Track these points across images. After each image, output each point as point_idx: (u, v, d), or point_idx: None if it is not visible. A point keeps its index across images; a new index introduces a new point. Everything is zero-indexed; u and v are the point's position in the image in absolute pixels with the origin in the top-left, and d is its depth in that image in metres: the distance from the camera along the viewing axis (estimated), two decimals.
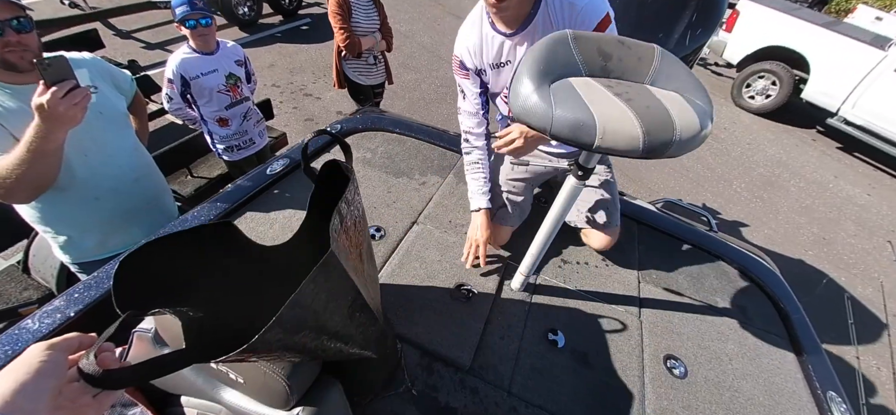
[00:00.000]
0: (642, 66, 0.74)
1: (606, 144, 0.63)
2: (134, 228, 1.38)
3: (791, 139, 5.39)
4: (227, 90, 2.10)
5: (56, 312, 0.98)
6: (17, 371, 0.41)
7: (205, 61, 1.99)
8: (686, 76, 0.73)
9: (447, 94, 4.60)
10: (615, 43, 0.77)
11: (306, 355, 0.68)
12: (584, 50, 0.74)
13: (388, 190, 1.46)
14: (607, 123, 0.63)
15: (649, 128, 0.63)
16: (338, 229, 0.65)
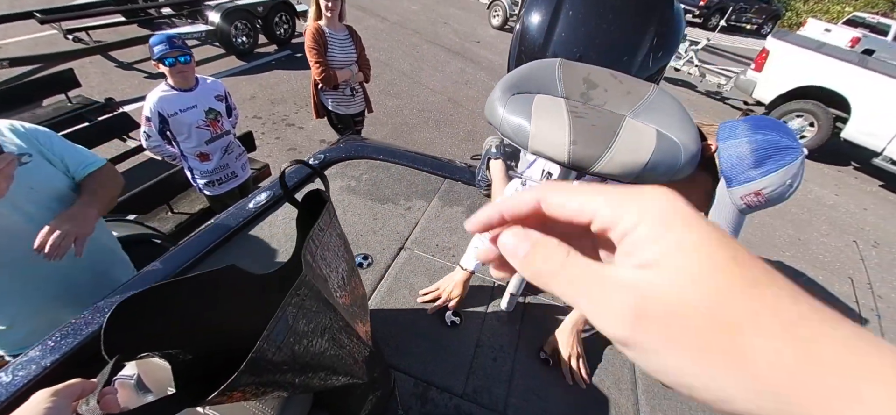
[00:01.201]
0: (630, 99, 0.79)
1: (537, 146, 0.73)
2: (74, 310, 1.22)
3: None
4: (207, 125, 2.10)
5: (31, 363, 0.94)
6: None
7: (183, 98, 1.99)
8: (676, 116, 0.76)
9: (429, 119, 4.67)
10: (607, 76, 0.83)
11: (294, 389, 0.67)
12: (568, 77, 0.82)
13: (373, 217, 1.47)
14: (540, 129, 0.72)
15: (578, 139, 0.69)
16: (313, 254, 0.65)
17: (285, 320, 0.56)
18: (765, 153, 0.79)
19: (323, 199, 0.77)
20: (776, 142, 0.78)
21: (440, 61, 6.17)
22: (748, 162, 0.80)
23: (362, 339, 0.79)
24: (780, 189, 0.80)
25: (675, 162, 0.68)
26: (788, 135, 0.79)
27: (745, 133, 0.82)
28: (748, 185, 0.82)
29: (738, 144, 0.82)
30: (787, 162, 0.78)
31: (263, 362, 0.53)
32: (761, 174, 0.80)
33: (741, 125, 0.84)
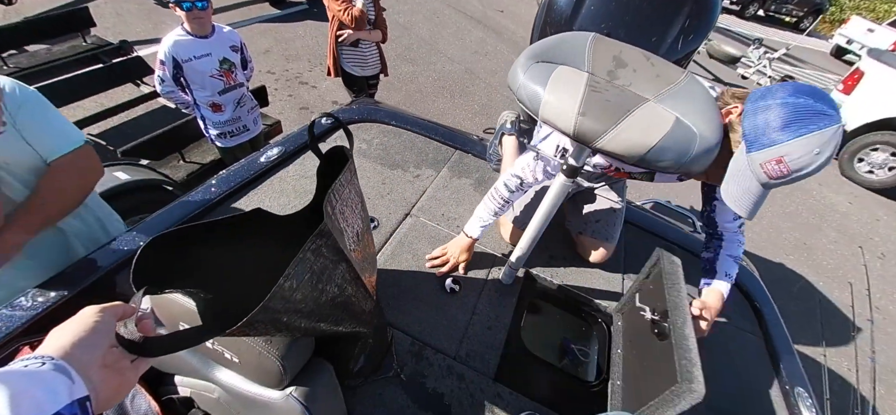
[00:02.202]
0: (658, 83, 0.77)
1: (547, 114, 0.73)
2: None
3: None
4: (221, 75, 2.10)
5: (48, 291, 0.99)
6: (75, 327, 0.44)
7: (198, 44, 1.98)
8: (701, 105, 0.74)
9: (443, 89, 4.60)
10: (639, 57, 0.82)
11: (304, 332, 0.71)
12: (599, 53, 0.81)
13: (382, 181, 1.49)
14: (553, 98, 0.73)
15: (587, 111, 0.70)
16: (333, 206, 0.68)
17: (305, 263, 0.59)
18: (794, 115, 0.70)
19: (346, 156, 0.79)
20: (810, 106, 0.69)
21: (461, 29, 6.01)
22: (775, 124, 0.71)
23: (370, 292, 0.83)
24: (806, 158, 0.70)
25: (686, 150, 0.68)
26: (827, 102, 0.69)
27: (777, 95, 0.73)
28: (770, 149, 0.72)
29: (767, 107, 0.73)
30: (817, 128, 0.68)
31: (282, 300, 0.57)
32: (787, 137, 0.70)
33: (777, 88, 0.75)
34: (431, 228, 1.37)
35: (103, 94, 2.81)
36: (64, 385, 0.37)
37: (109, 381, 0.45)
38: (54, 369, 0.38)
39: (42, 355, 0.40)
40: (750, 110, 0.76)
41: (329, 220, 0.65)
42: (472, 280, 1.24)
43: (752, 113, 0.75)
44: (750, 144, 0.75)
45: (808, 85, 0.74)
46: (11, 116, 0.98)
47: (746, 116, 0.76)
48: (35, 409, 0.34)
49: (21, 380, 0.35)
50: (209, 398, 0.92)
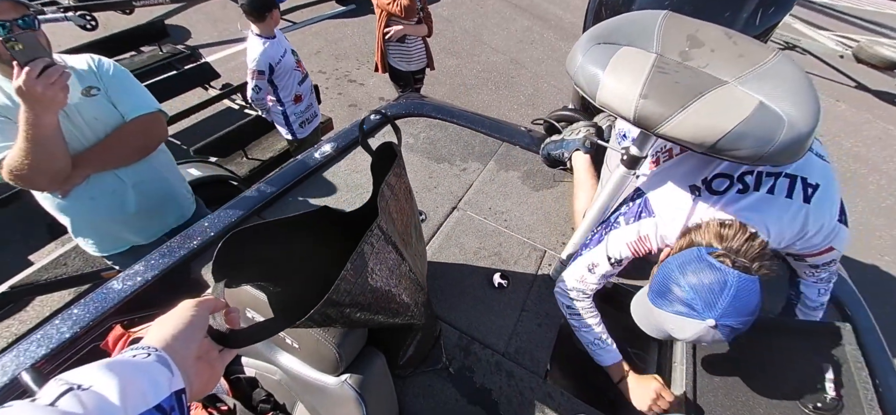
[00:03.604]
0: (741, 63, 0.70)
1: (605, 98, 0.69)
2: (137, 229, 1.41)
3: (872, 130, 4.83)
4: (297, 67, 2.25)
5: (136, 275, 1.10)
6: (175, 320, 0.48)
7: (276, 45, 2.13)
8: (793, 87, 0.66)
9: (488, 80, 4.54)
10: (719, 36, 0.75)
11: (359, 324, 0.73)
12: (671, 32, 0.75)
13: (429, 175, 1.49)
14: (613, 80, 0.68)
15: (650, 94, 0.64)
16: (386, 200, 0.69)
17: (363, 257, 0.61)
18: (676, 298, 0.75)
19: (393, 151, 0.80)
20: (689, 300, 0.73)
21: (505, 18, 5.89)
22: (665, 292, 0.77)
23: (422, 284, 0.84)
24: (668, 326, 0.78)
25: (770, 137, 0.60)
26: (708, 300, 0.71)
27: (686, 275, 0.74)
28: (651, 305, 0.80)
29: (672, 275, 0.76)
30: (684, 317, 0.73)
31: (345, 293, 0.59)
32: (668, 310, 0.76)
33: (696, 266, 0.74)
34: (478, 222, 1.35)
35: (177, 98, 3.09)
36: (165, 377, 0.40)
37: (202, 373, 0.48)
38: (158, 360, 0.41)
39: (148, 347, 0.43)
40: (666, 264, 0.79)
41: (383, 215, 0.66)
42: (521, 275, 1.21)
43: (664, 267, 0.79)
44: (650, 290, 0.82)
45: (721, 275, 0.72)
46: (105, 84, 1.24)
47: (662, 266, 0.81)
48: (140, 398, 0.37)
49: (130, 370, 0.38)
50: (271, 379, 0.98)
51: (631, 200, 0.95)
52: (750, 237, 0.76)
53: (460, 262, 1.24)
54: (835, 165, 0.86)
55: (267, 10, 2.01)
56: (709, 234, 0.79)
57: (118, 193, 1.31)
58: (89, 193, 1.26)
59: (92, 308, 1.04)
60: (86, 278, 2.02)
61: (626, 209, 0.95)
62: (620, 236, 0.94)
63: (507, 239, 1.31)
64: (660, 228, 0.89)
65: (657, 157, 0.99)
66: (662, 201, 0.89)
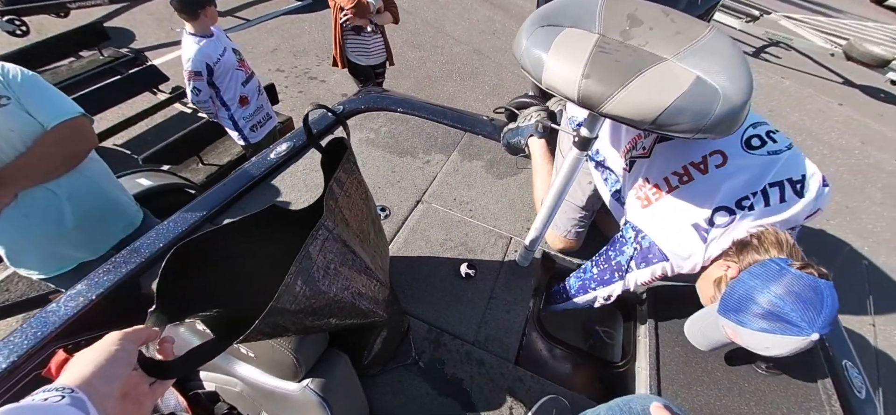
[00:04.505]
0: (678, 40, 0.72)
1: (550, 80, 0.69)
2: (81, 244, 1.33)
3: (813, 105, 5.17)
4: (240, 66, 2.14)
5: (79, 295, 1.02)
6: (96, 355, 0.44)
7: (214, 44, 2.01)
8: (727, 61, 0.68)
9: (453, 71, 4.53)
10: (657, 14, 0.76)
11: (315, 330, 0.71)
12: (612, 12, 0.76)
13: (392, 169, 1.47)
14: (556, 62, 0.68)
15: (592, 73, 0.64)
16: (336, 198, 0.66)
17: (309, 260, 0.58)
18: (769, 315, 0.73)
19: (344, 145, 0.77)
20: (786, 314, 0.71)
21: (466, 8, 5.87)
22: (753, 310, 0.75)
23: (382, 281, 0.82)
24: (755, 345, 0.76)
25: (706, 111, 0.62)
26: (810, 314, 0.69)
27: (772, 288, 0.73)
28: (735, 326, 0.77)
29: (754, 291, 0.75)
30: (781, 334, 0.72)
31: (290, 300, 0.56)
32: (752, 327, 0.74)
33: (778, 276, 0.74)
34: (443, 213, 1.34)
35: (123, 105, 2.90)
36: None
37: (127, 412, 0.45)
38: (72, 403, 0.38)
39: (62, 387, 0.39)
40: (742, 282, 0.78)
41: (330, 213, 0.64)
42: (487, 264, 1.21)
43: (739, 285, 0.78)
44: (723, 308, 0.80)
45: (815, 285, 0.72)
46: (15, 92, 1.14)
47: (734, 284, 0.79)
48: None
49: None
50: (232, 392, 0.93)
51: (629, 243, 0.97)
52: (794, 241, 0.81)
53: (427, 255, 1.22)
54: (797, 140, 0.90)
55: (199, 6, 1.89)
56: (768, 244, 0.80)
57: (52, 207, 1.21)
58: (21, 212, 1.17)
59: (31, 334, 0.96)
60: (32, 303, 1.87)
61: (631, 251, 0.96)
62: (634, 277, 0.97)
63: (472, 229, 1.30)
64: (677, 268, 0.91)
65: (631, 159, 1.00)
66: (671, 244, 0.90)
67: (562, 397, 0.95)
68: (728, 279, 0.83)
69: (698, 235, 0.86)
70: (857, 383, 1.01)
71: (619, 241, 1.01)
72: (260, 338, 0.63)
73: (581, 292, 1.08)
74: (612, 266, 1.00)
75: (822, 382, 0.99)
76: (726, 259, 0.87)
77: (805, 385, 0.98)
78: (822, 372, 1.00)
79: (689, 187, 0.88)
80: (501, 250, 1.25)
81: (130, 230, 1.44)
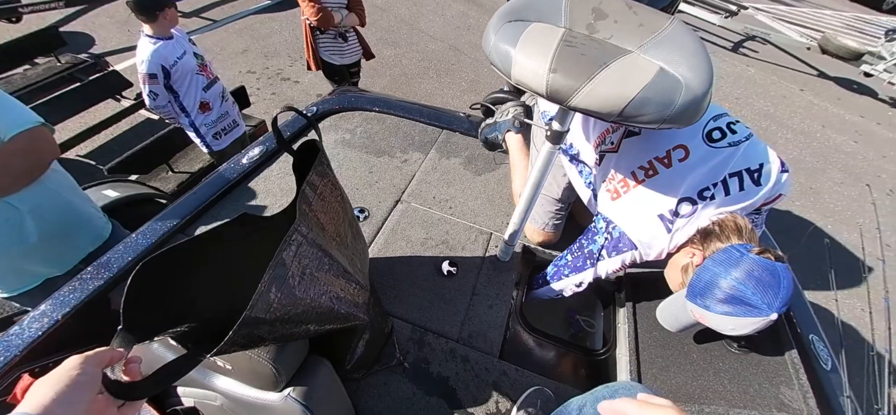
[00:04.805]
0: (642, 32, 0.73)
1: (518, 75, 0.70)
2: (46, 260, 1.27)
3: (776, 91, 5.39)
4: (201, 71, 2.06)
5: (43, 316, 0.98)
6: (56, 381, 0.42)
7: (172, 46, 1.93)
8: (689, 53, 0.70)
9: (429, 68, 4.51)
10: (621, 7, 0.77)
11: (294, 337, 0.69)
12: (577, 6, 0.77)
13: (369, 170, 1.45)
14: (524, 57, 0.69)
15: (558, 67, 0.65)
16: (309, 202, 0.65)
17: (283, 267, 0.57)
18: (731, 299, 0.78)
19: (316, 148, 0.75)
20: (747, 297, 0.76)
21: (440, 4, 5.85)
22: (716, 295, 0.80)
23: (362, 284, 0.81)
24: (722, 326, 0.82)
25: (670, 101, 0.63)
26: (769, 295, 0.75)
27: (733, 273, 0.78)
28: (701, 310, 0.83)
29: (717, 277, 0.80)
30: (742, 315, 0.77)
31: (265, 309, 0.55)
32: (717, 310, 0.80)
33: (744, 263, 0.78)
34: (423, 212, 1.34)
35: (85, 113, 2.77)
36: None
37: None
38: None
39: (21, 414, 0.38)
40: (706, 268, 0.82)
41: (303, 218, 0.62)
42: (469, 260, 1.22)
43: (705, 271, 0.82)
44: (690, 294, 0.85)
45: (772, 268, 0.77)
46: None
47: (701, 270, 0.83)
48: None
49: None
50: (213, 406, 0.91)
51: (601, 233, 1.01)
52: (753, 226, 0.86)
53: (408, 254, 1.22)
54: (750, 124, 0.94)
55: (158, 8, 1.80)
56: (728, 231, 0.85)
57: (13, 222, 1.15)
58: None
59: None
60: None
61: (602, 241, 1.00)
62: (605, 265, 1.01)
63: (453, 226, 1.31)
64: (645, 256, 0.96)
65: (601, 153, 1.03)
66: (639, 233, 0.94)
67: (546, 388, 0.97)
68: (694, 266, 0.87)
69: (663, 225, 0.91)
70: (823, 355, 1.06)
71: (592, 231, 1.05)
72: (236, 350, 0.61)
73: (555, 279, 1.11)
74: (584, 254, 1.04)
75: (791, 356, 1.03)
76: (692, 247, 0.92)
77: (775, 361, 1.03)
78: (790, 347, 1.05)
79: (654, 180, 0.92)
80: (482, 246, 1.26)
81: (98, 243, 1.38)
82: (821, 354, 1.06)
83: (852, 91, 5.69)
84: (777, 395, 0.96)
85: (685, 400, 0.96)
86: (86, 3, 4.31)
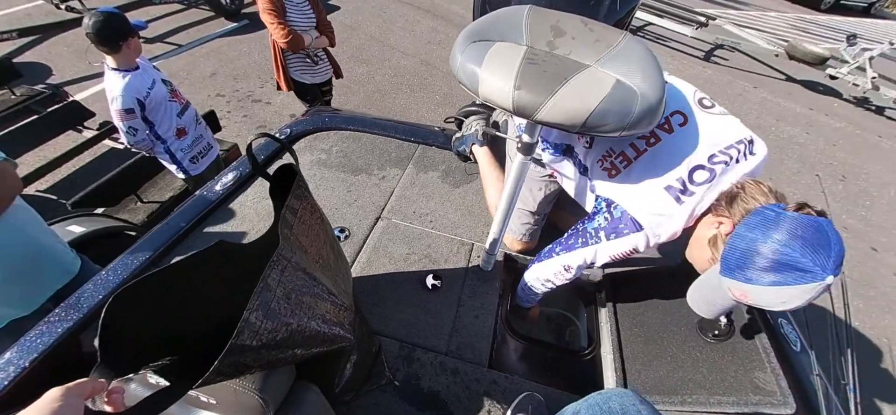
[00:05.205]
0: (598, 47, 0.76)
1: (485, 92, 0.73)
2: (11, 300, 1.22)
3: (732, 90, 5.71)
4: (172, 97, 2.01)
5: (8, 364, 0.92)
6: (38, 414, 0.42)
7: (141, 77, 1.88)
8: (642, 64, 0.73)
9: (402, 84, 4.54)
10: (577, 24, 0.80)
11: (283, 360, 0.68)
12: (537, 25, 0.80)
13: (347, 189, 1.45)
14: (489, 76, 0.72)
15: (522, 84, 0.68)
16: (290, 226, 0.65)
17: (268, 292, 0.56)
18: (779, 266, 0.66)
19: (294, 171, 0.75)
20: (797, 261, 0.64)
21: (409, 20, 5.93)
22: (759, 264, 0.67)
23: (347, 305, 0.80)
24: (770, 303, 0.69)
25: (627, 111, 0.68)
26: (822, 256, 0.63)
27: (776, 234, 0.66)
28: (743, 284, 0.70)
29: (756, 242, 0.68)
30: (794, 283, 0.65)
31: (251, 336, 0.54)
32: (762, 282, 0.67)
33: (781, 222, 0.67)
34: (404, 227, 1.34)
35: (45, 146, 2.64)
36: None
37: None
38: None
39: None
40: (738, 235, 0.71)
41: (286, 242, 0.62)
42: (452, 272, 1.23)
43: (738, 239, 0.71)
44: (725, 269, 0.73)
45: (817, 224, 0.66)
46: None
47: (732, 239, 0.72)
48: None
49: None
50: None
51: (600, 213, 0.93)
52: None
53: (391, 271, 1.22)
54: None
55: (121, 39, 1.73)
56: (754, 192, 0.75)
57: None
58: None
59: None
60: None
61: (602, 221, 0.92)
62: (605, 250, 0.92)
63: (434, 239, 1.32)
64: (652, 238, 0.86)
65: (612, 165, 0.94)
66: (644, 210, 0.85)
67: (536, 393, 0.98)
68: (723, 237, 0.76)
69: (672, 196, 0.81)
70: (792, 338, 1.12)
71: (592, 213, 0.97)
72: (221, 379, 0.60)
73: (545, 256, 1.06)
74: (578, 231, 0.98)
75: (761, 341, 1.09)
76: (716, 215, 0.81)
77: (747, 346, 1.08)
78: (759, 332, 1.11)
79: (657, 149, 0.85)
80: (465, 258, 1.28)
81: (67, 279, 1.32)
82: (790, 336, 1.13)
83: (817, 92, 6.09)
84: (752, 379, 1.01)
85: (668, 392, 0.99)
86: (40, 32, 4.14)
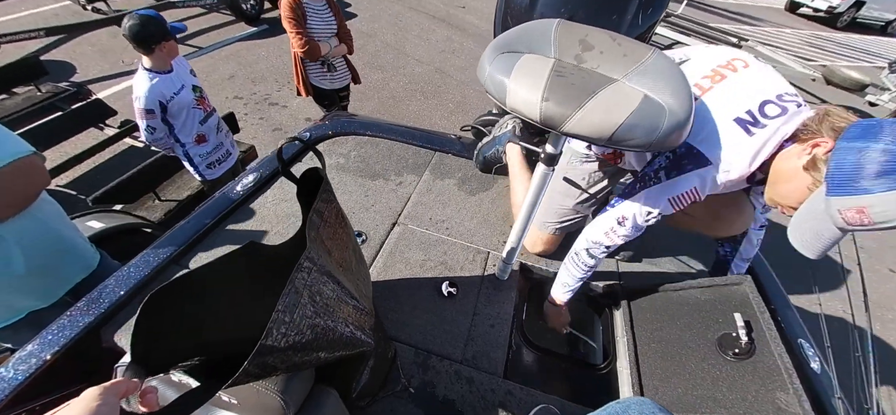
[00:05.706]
0: (626, 62, 0.77)
1: (513, 103, 0.73)
2: (32, 292, 1.23)
3: None
4: (197, 104, 2.05)
5: (31, 357, 0.94)
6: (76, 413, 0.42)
7: (170, 80, 1.92)
8: (671, 80, 0.73)
9: (416, 91, 4.58)
10: (605, 39, 0.81)
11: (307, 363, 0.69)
12: (565, 38, 0.81)
13: (365, 194, 1.46)
14: (518, 86, 0.73)
15: (550, 96, 0.69)
16: (317, 229, 0.66)
17: (296, 295, 0.57)
18: (890, 166, 0.60)
19: (319, 175, 0.76)
20: None
21: (425, 29, 5.99)
22: (870, 170, 0.62)
23: (366, 308, 0.81)
24: (890, 215, 0.62)
25: (655, 127, 0.67)
26: None
27: (881, 138, 0.62)
28: (856, 198, 0.63)
29: (864, 149, 0.63)
30: (886, 193, 0.60)
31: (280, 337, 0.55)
32: (879, 188, 0.61)
33: (885, 126, 0.63)
34: (420, 234, 1.35)
35: (67, 143, 2.71)
36: None
37: None
38: None
39: None
40: (842, 149, 0.66)
41: (313, 244, 0.63)
42: (468, 280, 1.23)
43: (843, 152, 0.66)
44: (833, 187, 0.67)
45: None
46: None
47: (836, 153, 0.67)
48: None
49: None
50: None
51: (663, 153, 0.88)
52: None
53: (407, 277, 1.22)
54: None
55: (155, 41, 1.77)
56: (842, 113, 0.72)
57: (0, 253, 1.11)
58: None
59: None
60: None
61: (662, 162, 0.87)
62: (665, 191, 0.86)
63: (450, 247, 1.32)
64: (720, 174, 0.80)
65: None
66: (712, 142, 0.80)
67: (552, 406, 0.97)
68: (823, 157, 0.71)
69: (742, 128, 0.78)
70: (812, 358, 1.10)
71: (651, 160, 0.93)
72: (248, 380, 0.61)
73: (602, 211, 1.01)
74: (636, 178, 0.93)
75: (783, 361, 1.06)
76: (804, 142, 0.76)
77: (767, 366, 1.06)
78: (781, 353, 1.09)
79: (722, 85, 0.85)
80: (480, 266, 1.27)
81: (86, 273, 1.34)
82: (809, 356, 1.10)
83: None
84: (774, 400, 0.98)
85: (687, 410, 0.97)
86: (66, 31, 4.26)
